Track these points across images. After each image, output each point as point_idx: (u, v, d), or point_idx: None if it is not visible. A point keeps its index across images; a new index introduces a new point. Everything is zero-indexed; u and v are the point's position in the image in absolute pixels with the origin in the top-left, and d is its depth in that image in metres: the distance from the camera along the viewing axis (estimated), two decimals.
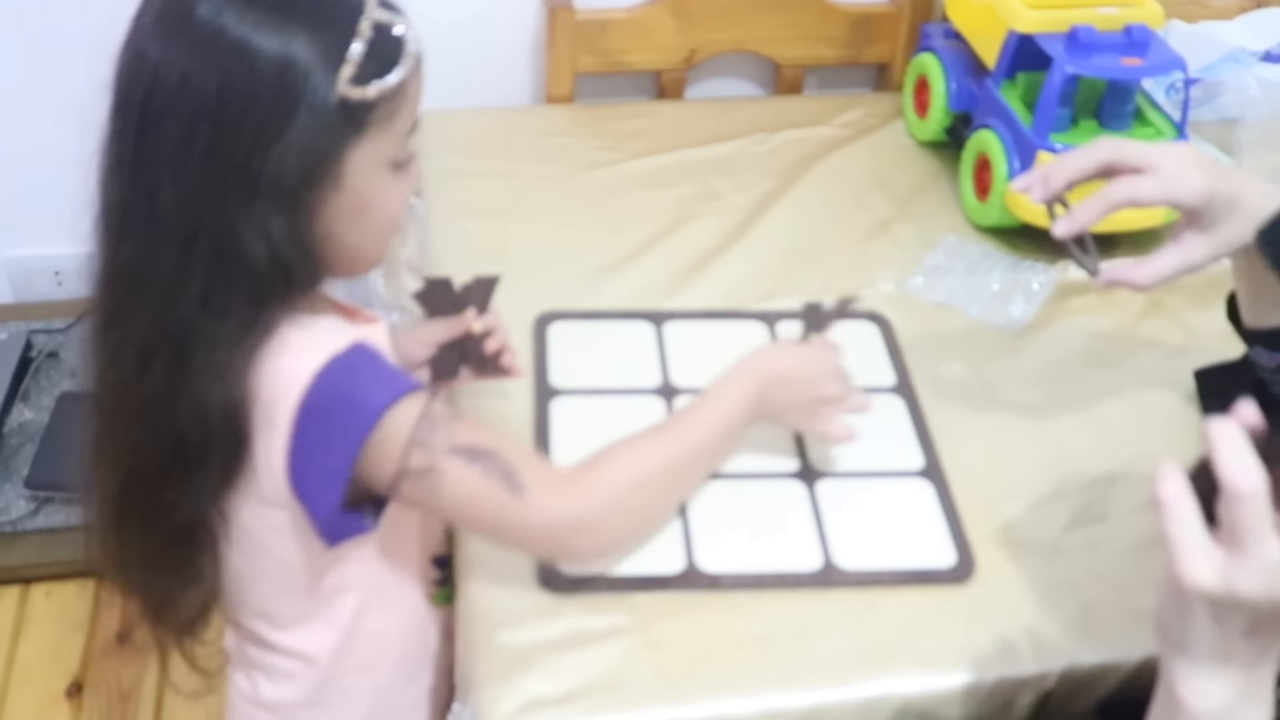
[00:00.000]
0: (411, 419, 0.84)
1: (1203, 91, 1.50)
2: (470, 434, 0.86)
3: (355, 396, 0.83)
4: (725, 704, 0.92)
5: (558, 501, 0.88)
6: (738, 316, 1.26)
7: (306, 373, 0.82)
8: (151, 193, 0.79)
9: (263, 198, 0.79)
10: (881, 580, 1.00)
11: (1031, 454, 1.13)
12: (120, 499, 0.89)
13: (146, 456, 0.85)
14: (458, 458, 0.85)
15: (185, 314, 0.81)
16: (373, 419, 0.82)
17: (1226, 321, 1.08)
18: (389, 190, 0.86)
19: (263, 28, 0.77)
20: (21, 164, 1.83)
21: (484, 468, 0.85)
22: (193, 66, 0.78)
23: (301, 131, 0.78)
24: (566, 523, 0.89)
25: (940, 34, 1.54)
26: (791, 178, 1.49)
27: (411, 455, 0.83)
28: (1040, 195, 0.98)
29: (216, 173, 0.78)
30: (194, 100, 0.77)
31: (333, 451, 0.83)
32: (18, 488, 1.72)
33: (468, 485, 0.85)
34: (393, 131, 0.84)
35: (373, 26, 0.81)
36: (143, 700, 1.61)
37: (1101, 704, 0.88)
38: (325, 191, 0.82)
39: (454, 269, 1.09)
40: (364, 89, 0.80)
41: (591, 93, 1.66)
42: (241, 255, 0.79)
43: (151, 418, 0.83)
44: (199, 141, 0.78)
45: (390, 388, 0.84)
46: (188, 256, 0.80)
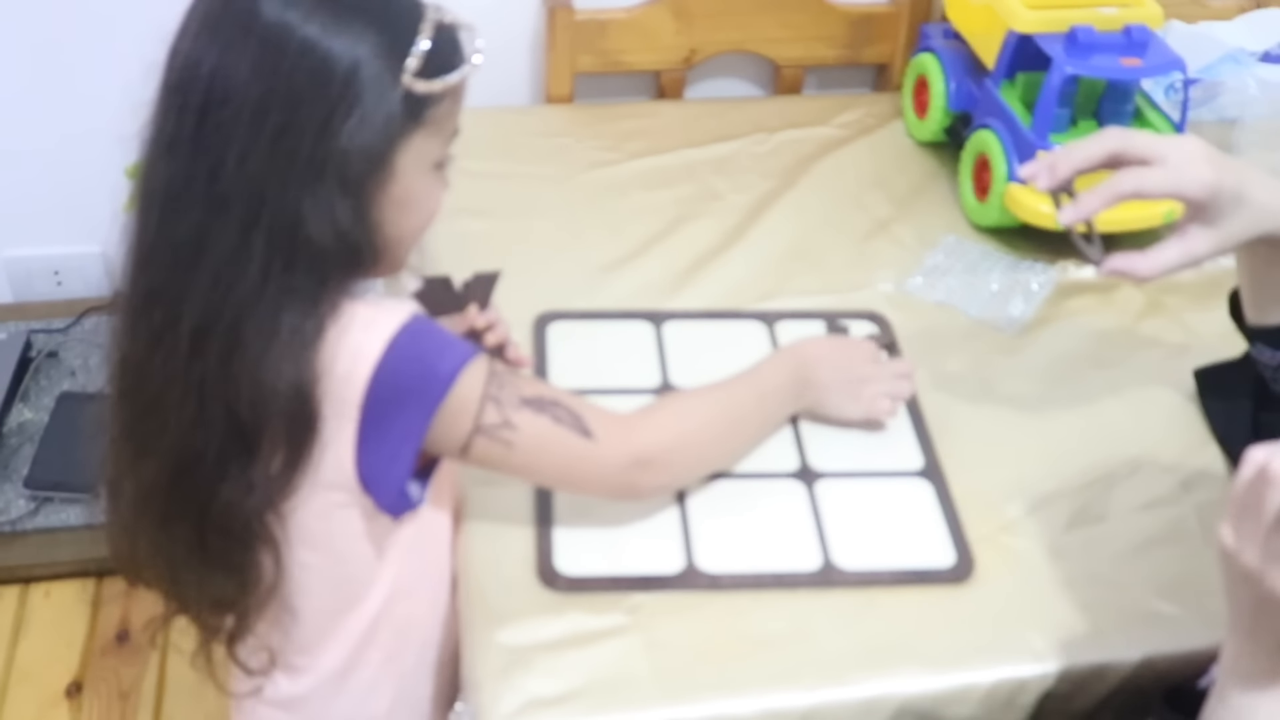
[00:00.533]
0: (481, 379, 0.88)
1: (1202, 92, 1.50)
2: (533, 387, 0.92)
3: (427, 362, 0.87)
4: (724, 703, 0.92)
5: (625, 441, 0.94)
6: (737, 316, 1.26)
7: (380, 343, 0.84)
8: (214, 172, 0.80)
9: (329, 181, 0.81)
10: (881, 580, 1.00)
11: (1031, 454, 1.13)
12: (170, 492, 0.87)
13: (201, 446, 0.84)
14: (527, 409, 0.89)
15: (242, 293, 0.81)
16: (448, 382, 0.86)
17: (1226, 321, 1.08)
18: (431, 189, 0.90)
19: (329, 27, 0.80)
20: (21, 164, 1.83)
21: (553, 416, 0.90)
22: (260, 65, 0.80)
23: (368, 120, 0.81)
24: (636, 459, 0.95)
25: (940, 34, 1.54)
26: (791, 178, 1.49)
27: (485, 412, 0.88)
28: (1046, 183, 0.98)
29: (284, 155, 0.80)
30: (263, 92, 0.80)
31: (409, 418, 0.86)
32: (17, 488, 1.72)
33: (541, 434, 0.90)
34: (443, 131, 0.88)
35: (436, 26, 0.84)
36: (142, 700, 1.61)
37: (1167, 692, 0.88)
38: (380, 183, 0.84)
39: (453, 269, 1.09)
40: (429, 83, 0.83)
41: (591, 93, 1.66)
42: (306, 236, 0.81)
43: (206, 402, 0.83)
44: (267, 127, 0.80)
45: (458, 352, 0.88)
46: (248, 235, 0.81)
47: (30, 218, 1.89)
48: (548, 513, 1.03)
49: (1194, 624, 0.97)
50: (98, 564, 1.70)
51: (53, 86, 1.75)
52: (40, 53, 1.70)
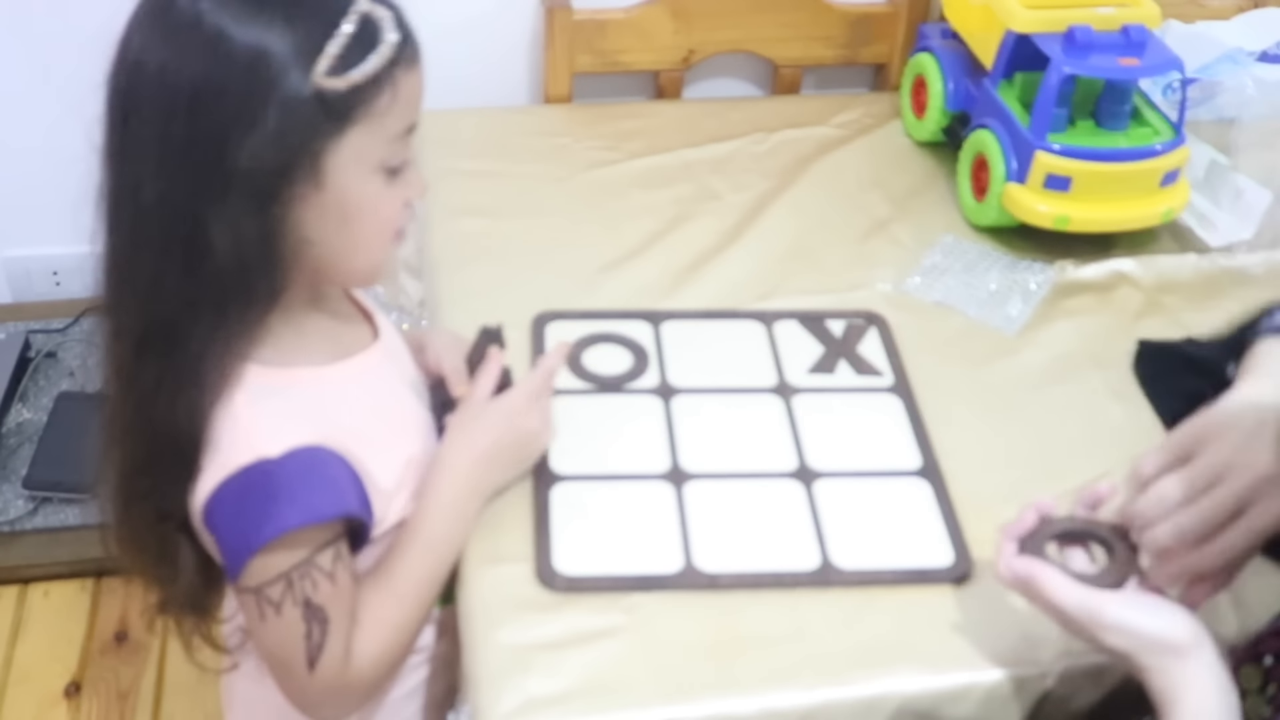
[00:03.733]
0: (296, 558, 0.85)
1: (1200, 91, 1.50)
2: (328, 597, 0.87)
3: (262, 509, 0.83)
4: (723, 703, 0.92)
5: (327, 691, 0.90)
6: (735, 316, 1.26)
7: (230, 465, 0.83)
8: (136, 185, 0.79)
9: (237, 193, 0.77)
10: (879, 580, 1.00)
11: (1029, 454, 1.13)
12: (126, 490, 0.89)
13: (144, 449, 0.86)
14: (301, 610, 0.86)
15: (167, 311, 0.81)
16: (261, 543, 0.83)
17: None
18: (380, 196, 0.84)
19: (240, 17, 0.76)
20: (20, 164, 1.83)
21: (308, 630, 0.87)
22: (169, 57, 0.77)
23: (276, 123, 0.77)
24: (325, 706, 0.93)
25: (938, 34, 1.54)
26: (789, 178, 1.49)
27: (273, 585, 0.85)
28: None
29: (192, 166, 0.77)
30: (170, 91, 0.77)
31: (229, 541, 0.85)
32: (16, 488, 1.72)
33: (286, 635, 0.87)
34: (382, 131, 0.82)
35: (357, 19, 0.79)
36: (141, 699, 1.61)
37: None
38: (304, 190, 0.80)
39: (452, 268, 1.09)
40: (338, 79, 0.78)
41: (589, 93, 1.66)
42: (209, 253, 0.79)
43: (144, 411, 0.84)
44: (176, 133, 0.77)
45: (300, 512, 0.84)
46: (166, 252, 0.79)
47: (29, 218, 1.88)
48: (546, 513, 1.03)
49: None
50: (96, 564, 1.70)
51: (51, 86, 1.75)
52: (40, 52, 1.70)
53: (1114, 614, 0.84)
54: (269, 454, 0.83)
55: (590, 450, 1.09)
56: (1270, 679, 0.81)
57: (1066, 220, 1.32)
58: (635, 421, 1.13)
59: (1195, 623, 0.83)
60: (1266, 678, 0.82)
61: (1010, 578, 0.88)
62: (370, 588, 0.92)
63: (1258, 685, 0.83)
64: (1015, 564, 0.88)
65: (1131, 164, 1.32)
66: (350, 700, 0.94)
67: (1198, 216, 1.40)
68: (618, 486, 1.06)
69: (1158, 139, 1.34)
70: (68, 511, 1.71)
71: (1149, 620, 0.83)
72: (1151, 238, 1.40)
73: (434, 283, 1.31)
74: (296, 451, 0.84)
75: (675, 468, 1.08)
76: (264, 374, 0.85)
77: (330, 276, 0.88)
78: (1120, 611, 0.84)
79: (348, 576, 0.89)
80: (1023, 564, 0.88)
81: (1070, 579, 0.86)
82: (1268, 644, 0.83)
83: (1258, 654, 0.84)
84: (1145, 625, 0.83)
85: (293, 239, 0.82)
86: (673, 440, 1.11)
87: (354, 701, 0.95)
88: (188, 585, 0.92)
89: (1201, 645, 0.82)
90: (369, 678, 0.93)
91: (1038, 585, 0.87)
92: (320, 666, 0.88)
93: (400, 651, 0.96)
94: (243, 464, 0.83)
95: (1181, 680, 0.81)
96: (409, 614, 0.94)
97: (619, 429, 1.12)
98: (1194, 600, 0.86)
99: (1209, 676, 0.80)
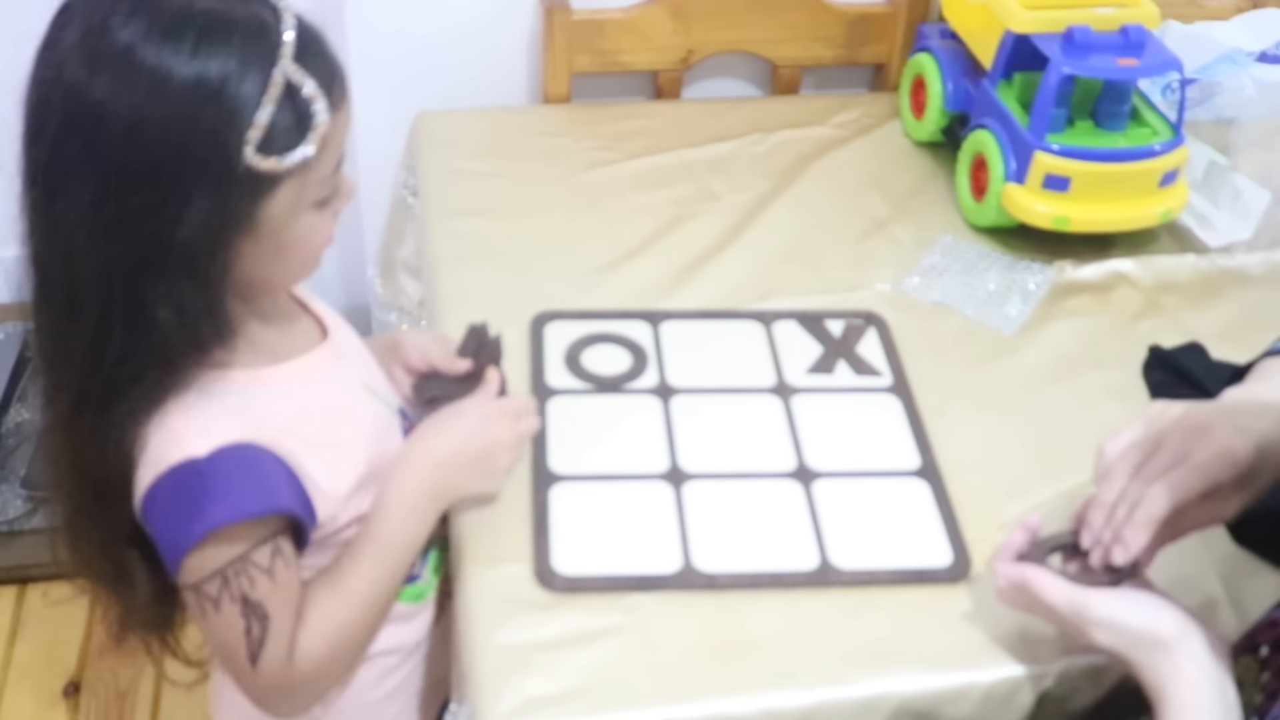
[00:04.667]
0: (230, 554, 0.85)
1: (1199, 92, 1.50)
2: (266, 593, 0.86)
3: (188, 510, 0.83)
4: (722, 703, 0.92)
5: (272, 687, 0.90)
6: (734, 316, 1.26)
7: (159, 466, 0.83)
8: (66, 257, 0.79)
9: (176, 263, 0.78)
10: (878, 580, 1.00)
11: (1028, 454, 1.13)
12: (73, 522, 0.91)
13: (83, 491, 0.88)
14: (239, 606, 0.86)
15: (106, 373, 0.81)
16: (192, 541, 0.83)
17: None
18: (311, 226, 0.85)
19: (158, 98, 0.75)
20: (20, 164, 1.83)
21: (247, 626, 0.86)
22: (94, 138, 0.76)
23: (210, 200, 0.77)
24: (273, 703, 0.93)
25: (937, 34, 1.54)
26: (788, 178, 1.49)
27: (209, 582, 0.85)
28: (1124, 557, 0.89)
29: (126, 244, 0.77)
30: (100, 169, 0.76)
31: (165, 543, 0.85)
32: (14, 487, 1.72)
33: (227, 633, 0.87)
34: (313, 177, 0.82)
35: (284, 85, 0.77)
36: (140, 699, 1.61)
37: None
38: (241, 242, 0.81)
39: (451, 268, 1.09)
40: (272, 161, 0.78)
41: (588, 93, 1.66)
42: (153, 324, 0.79)
43: (81, 458, 0.86)
44: (106, 213, 0.77)
45: (229, 509, 0.84)
46: (105, 323, 0.80)
47: None
48: (545, 513, 1.03)
49: None
50: None
51: None
52: None
53: (1100, 609, 0.84)
54: (196, 453, 0.83)
55: (589, 450, 1.09)
56: (1265, 668, 0.82)
57: (1065, 220, 1.32)
58: (634, 421, 1.13)
59: (1183, 616, 0.84)
60: (1262, 667, 0.82)
61: (1004, 585, 0.89)
62: (320, 586, 0.92)
63: (1254, 676, 0.83)
64: (1009, 570, 0.89)
65: (1130, 164, 1.32)
66: (299, 698, 0.93)
67: (1196, 217, 1.41)
68: (616, 486, 1.06)
69: (1156, 139, 1.34)
70: None
71: (1134, 614, 0.84)
72: (1150, 238, 1.41)
73: (433, 283, 1.31)
74: (225, 449, 0.84)
75: (674, 468, 1.08)
76: (197, 375, 0.85)
77: (264, 293, 0.89)
78: (1106, 607, 0.85)
79: (289, 574, 0.89)
80: (1015, 568, 0.88)
81: (1060, 579, 0.87)
82: (1263, 634, 0.84)
83: (1254, 645, 0.84)
84: (1130, 619, 0.84)
85: (234, 285, 0.83)
86: (671, 440, 1.11)
87: (303, 699, 0.94)
88: (145, 600, 0.94)
89: (1189, 638, 0.82)
90: (315, 676, 0.92)
91: (1030, 587, 0.87)
92: (262, 663, 0.88)
93: (350, 651, 0.95)
94: (171, 464, 0.83)
95: (1171, 674, 0.81)
96: (358, 615, 0.93)
97: (618, 429, 1.12)
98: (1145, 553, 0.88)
99: (1198, 670, 0.81)
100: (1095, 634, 0.85)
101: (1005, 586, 0.89)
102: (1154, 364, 1.22)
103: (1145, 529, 0.86)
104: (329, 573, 0.93)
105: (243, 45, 0.77)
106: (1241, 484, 0.88)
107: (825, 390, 1.18)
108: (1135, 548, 0.86)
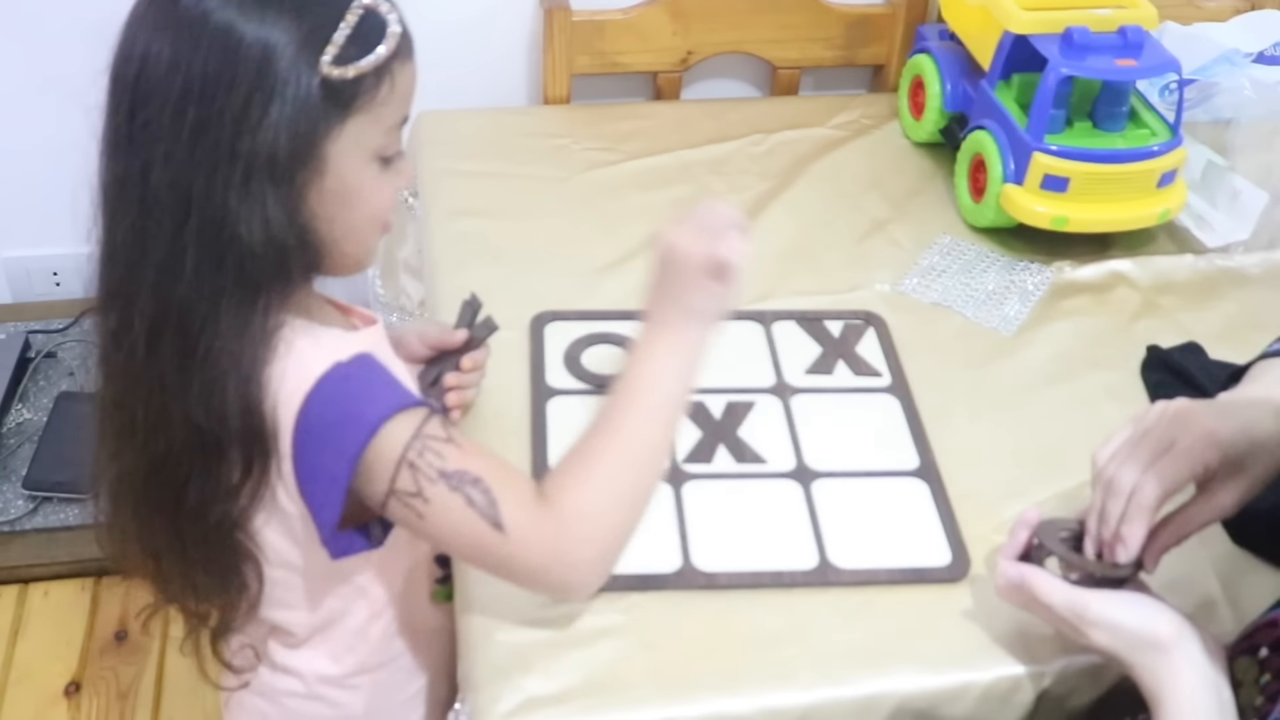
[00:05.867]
0: (404, 437, 0.82)
1: (1197, 93, 1.50)
2: (461, 459, 0.84)
3: (353, 407, 0.82)
4: (722, 703, 0.92)
5: (540, 541, 0.85)
6: (734, 316, 1.26)
7: (310, 378, 0.82)
8: (145, 171, 0.79)
9: (256, 177, 0.79)
10: (877, 579, 1.01)
11: (1026, 454, 1.13)
12: (144, 489, 0.86)
13: (164, 447, 0.84)
14: (443, 483, 0.83)
15: (184, 294, 0.80)
16: (369, 432, 0.82)
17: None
18: (374, 184, 0.85)
19: (246, 10, 0.78)
20: (20, 164, 1.83)
21: (467, 497, 0.83)
22: (179, 51, 0.78)
23: (286, 111, 0.78)
24: (549, 563, 0.87)
25: (935, 35, 1.54)
26: (787, 178, 1.49)
27: (399, 475, 0.82)
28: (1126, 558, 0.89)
29: (206, 151, 0.78)
30: (182, 83, 0.77)
31: (332, 460, 0.82)
32: (16, 488, 1.72)
33: (452, 515, 0.83)
34: (379, 121, 0.83)
35: (359, 11, 0.80)
36: (140, 699, 1.61)
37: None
38: (310, 175, 0.81)
39: (451, 269, 1.10)
40: (345, 69, 0.80)
41: (588, 94, 1.66)
42: (234, 236, 0.79)
43: (166, 404, 0.82)
44: (187, 120, 0.78)
45: (387, 402, 0.83)
46: (180, 235, 0.79)
47: (29, 218, 1.88)
48: None
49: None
50: (96, 564, 1.70)
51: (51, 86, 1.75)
52: (39, 52, 1.70)
53: (1097, 610, 0.85)
54: (341, 359, 0.83)
55: None
56: (1265, 669, 0.82)
57: (1064, 221, 1.33)
58: None
59: (1179, 619, 0.84)
60: (1261, 668, 0.82)
61: (1004, 584, 0.89)
62: (576, 460, 0.88)
63: (1253, 677, 0.83)
64: (1009, 568, 0.89)
65: (1129, 165, 1.32)
66: (582, 554, 0.86)
67: (1195, 217, 1.41)
68: None
69: (1155, 140, 1.34)
70: (68, 511, 1.71)
71: (1131, 616, 0.84)
72: (1149, 238, 1.41)
73: (433, 283, 1.31)
74: (361, 356, 0.84)
75: (674, 467, 1.08)
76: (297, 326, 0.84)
77: (321, 264, 0.88)
78: (1103, 608, 0.85)
79: (471, 442, 0.86)
80: (1015, 567, 0.89)
81: (1059, 580, 0.87)
82: (1262, 635, 0.84)
83: (1253, 646, 0.84)
84: (1127, 620, 0.84)
85: (306, 220, 0.83)
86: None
87: (589, 556, 0.87)
88: (253, 597, 0.90)
89: (1185, 640, 0.82)
90: (581, 530, 0.86)
91: (1029, 587, 0.88)
92: (510, 523, 0.83)
93: (619, 502, 0.87)
94: (320, 373, 0.82)
95: (1168, 676, 0.81)
96: (616, 455, 0.87)
97: None
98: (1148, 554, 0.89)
99: (1194, 672, 0.81)
100: (1092, 635, 0.85)
101: (1004, 585, 0.90)
102: (1152, 364, 1.22)
103: (1140, 520, 0.86)
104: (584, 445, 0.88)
105: None
106: (1234, 471, 0.88)
107: (824, 390, 1.18)
108: (1135, 543, 0.86)
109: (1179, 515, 0.90)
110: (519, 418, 1.12)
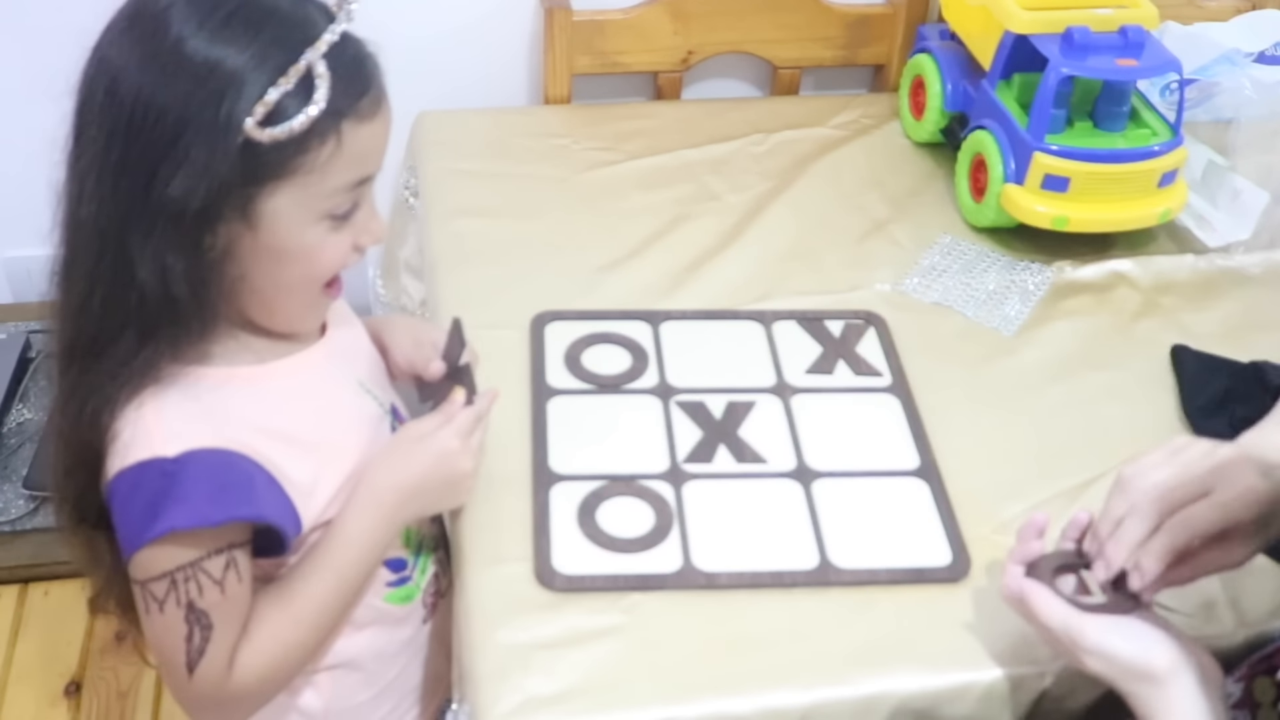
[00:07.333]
0: (182, 559, 0.84)
1: (1198, 92, 1.50)
2: (212, 599, 0.85)
3: (140, 514, 0.83)
4: (721, 703, 0.92)
5: (210, 699, 0.89)
6: (734, 316, 1.26)
7: (122, 461, 0.83)
8: (77, 199, 0.80)
9: (163, 226, 0.78)
10: (877, 579, 1.01)
11: (1027, 454, 1.13)
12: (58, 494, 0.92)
13: (64, 457, 0.88)
14: (184, 611, 0.85)
15: (90, 326, 0.82)
16: (139, 545, 0.83)
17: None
18: (321, 243, 0.84)
19: (199, 44, 0.76)
20: (21, 164, 1.83)
21: (190, 632, 0.86)
22: (122, 83, 0.78)
23: (204, 162, 0.77)
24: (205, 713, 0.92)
25: (936, 35, 1.54)
26: (788, 178, 1.49)
27: (158, 580, 0.84)
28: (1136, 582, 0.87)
29: (124, 189, 0.78)
30: (116, 104, 0.78)
31: (122, 536, 0.85)
32: (16, 487, 1.72)
33: (169, 636, 0.86)
34: (324, 182, 0.81)
35: (299, 74, 0.78)
36: (141, 699, 1.61)
37: None
38: (235, 229, 0.80)
39: (452, 269, 1.10)
40: (265, 131, 0.77)
41: (589, 93, 1.66)
42: (133, 280, 0.79)
43: (61, 420, 0.86)
44: (114, 150, 0.78)
45: (186, 513, 0.83)
46: (95, 270, 0.80)
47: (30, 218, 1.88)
48: (545, 513, 1.03)
49: (1190, 623, 0.98)
50: None
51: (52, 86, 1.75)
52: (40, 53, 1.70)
53: (1093, 638, 0.84)
54: (165, 453, 0.83)
55: (589, 450, 1.09)
56: None
57: (1065, 221, 1.33)
58: (634, 421, 1.13)
59: (1178, 649, 0.82)
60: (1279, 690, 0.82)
61: (1007, 595, 0.89)
62: (269, 603, 0.91)
63: (1271, 698, 0.83)
64: (1012, 581, 0.89)
65: (1129, 165, 1.32)
66: (231, 711, 0.92)
67: (1195, 217, 1.41)
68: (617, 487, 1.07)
69: (1155, 140, 1.34)
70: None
71: (1127, 646, 0.83)
72: (1149, 238, 1.41)
73: (434, 283, 1.31)
74: (194, 453, 0.83)
75: (674, 467, 1.08)
76: (179, 372, 0.85)
77: (254, 313, 0.88)
78: (1100, 636, 0.84)
79: (241, 587, 0.88)
80: (1017, 581, 0.88)
81: (1059, 600, 0.86)
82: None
83: (1271, 667, 0.84)
84: (1122, 651, 0.83)
85: (225, 274, 0.82)
86: (671, 440, 1.11)
87: (233, 714, 0.93)
88: (110, 582, 0.94)
89: (1181, 673, 0.81)
90: (251, 692, 0.91)
91: (1029, 603, 0.87)
92: (199, 671, 0.87)
93: (289, 670, 0.94)
94: (139, 459, 0.83)
95: (1162, 709, 0.80)
96: (304, 636, 0.92)
97: (617, 429, 1.12)
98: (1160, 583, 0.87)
99: (1191, 704, 0.80)
100: (1088, 662, 0.84)
101: (1007, 596, 0.89)
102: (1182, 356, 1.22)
103: (1161, 559, 0.84)
104: (280, 590, 0.92)
105: (275, 30, 0.78)
106: (1259, 528, 0.86)
107: (825, 390, 1.18)
108: (1150, 576, 0.85)
109: (1191, 558, 0.87)
110: (519, 417, 1.12)
